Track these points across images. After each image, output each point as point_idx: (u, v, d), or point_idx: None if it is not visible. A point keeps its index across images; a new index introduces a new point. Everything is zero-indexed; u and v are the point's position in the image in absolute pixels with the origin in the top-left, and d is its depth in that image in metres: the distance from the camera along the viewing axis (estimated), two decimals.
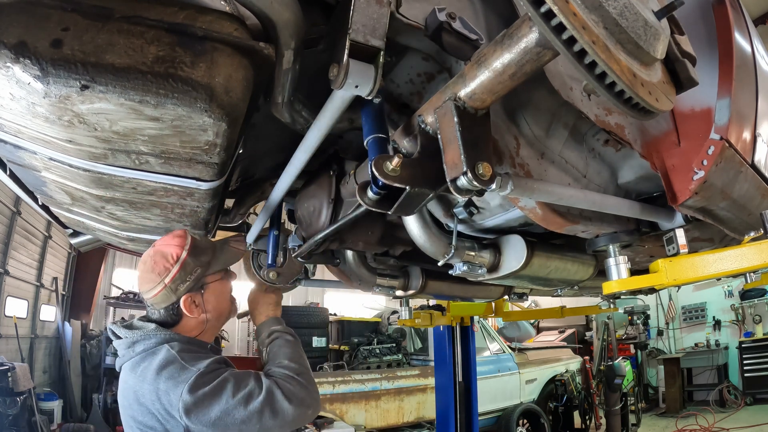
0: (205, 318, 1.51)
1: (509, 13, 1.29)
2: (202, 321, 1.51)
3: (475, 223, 1.75)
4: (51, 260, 8.71)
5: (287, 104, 1.28)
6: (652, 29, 0.87)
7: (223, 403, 1.29)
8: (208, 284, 1.51)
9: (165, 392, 1.29)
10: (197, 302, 1.48)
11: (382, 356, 7.60)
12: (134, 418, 1.35)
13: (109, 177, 1.23)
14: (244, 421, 1.30)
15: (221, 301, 1.56)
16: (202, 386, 1.29)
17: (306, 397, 1.43)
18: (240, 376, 1.38)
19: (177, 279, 1.44)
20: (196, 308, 1.48)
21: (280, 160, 1.73)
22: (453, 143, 0.97)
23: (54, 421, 7.09)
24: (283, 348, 1.59)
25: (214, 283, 1.53)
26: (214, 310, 1.53)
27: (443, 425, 4.73)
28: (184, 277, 1.45)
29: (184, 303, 1.46)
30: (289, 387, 1.41)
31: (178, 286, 1.45)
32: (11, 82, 0.83)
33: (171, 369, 1.32)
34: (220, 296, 1.55)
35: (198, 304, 1.49)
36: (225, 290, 1.58)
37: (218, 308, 1.55)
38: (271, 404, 1.34)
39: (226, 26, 0.94)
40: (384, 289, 2.34)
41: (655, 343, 11.55)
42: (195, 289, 1.48)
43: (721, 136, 1.45)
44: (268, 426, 1.33)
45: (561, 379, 8.03)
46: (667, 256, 1.61)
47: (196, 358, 1.37)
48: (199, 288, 1.49)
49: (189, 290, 1.46)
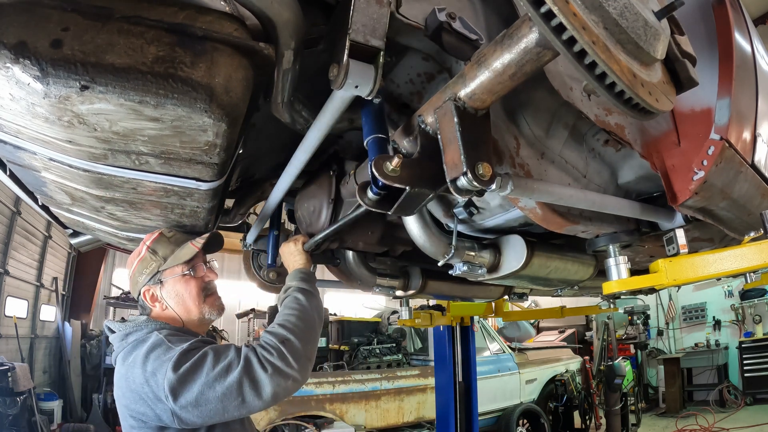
0: (172, 311, 1.53)
1: (509, 13, 1.29)
2: (173, 315, 1.54)
3: (475, 223, 1.75)
4: (51, 260, 8.72)
5: (287, 104, 1.28)
6: (652, 29, 0.87)
7: (204, 377, 1.27)
8: (166, 279, 1.54)
9: (152, 374, 1.29)
10: (156, 295, 1.54)
11: (382, 356, 7.59)
12: (127, 406, 1.35)
13: (109, 177, 1.23)
14: (225, 394, 1.26)
15: (182, 298, 1.54)
16: (185, 363, 1.28)
17: (283, 367, 1.32)
18: (220, 349, 1.34)
19: (137, 272, 1.55)
20: (157, 301, 1.54)
21: (280, 160, 1.73)
22: (453, 143, 0.97)
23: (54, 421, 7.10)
24: (285, 309, 1.54)
25: (172, 279, 1.55)
26: (177, 305, 1.54)
27: (443, 425, 4.72)
28: (141, 270, 1.54)
29: (143, 294, 1.54)
30: (267, 355, 1.33)
31: (137, 278, 1.55)
32: (11, 83, 0.82)
33: (158, 351, 1.33)
34: (182, 292, 1.55)
35: (157, 297, 1.54)
36: (186, 287, 1.55)
37: (183, 303, 1.54)
38: (249, 374, 1.29)
39: (226, 26, 0.94)
40: (384, 289, 2.34)
41: (655, 343, 11.54)
42: (153, 282, 1.54)
43: (721, 136, 1.45)
44: (249, 400, 1.28)
45: (561, 379, 8.03)
46: (667, 256, 1.61)
47: (183, 340, 1.37)
48: (156, 281, 1.54)
49: (146, 283, 1.54)
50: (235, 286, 12.94)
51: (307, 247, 1.84)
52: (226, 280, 13.12)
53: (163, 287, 1.54)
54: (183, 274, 1.56)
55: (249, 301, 12.62)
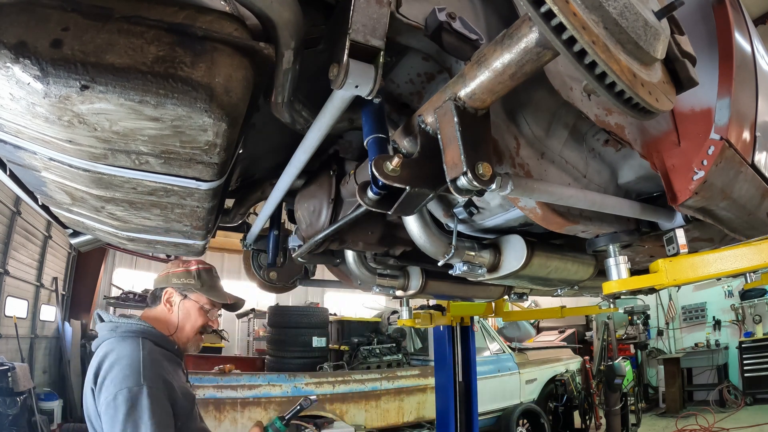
0: (174, 320, 1.80)
1: (509, 13, 1.29)
2: (172, 322, 1.81)
3: (475, 223, 1.75)
4: (51, 260, 8.71)
5: (287, 104, 1.28)
6: (652, 29, 0.87)
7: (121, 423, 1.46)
8: (190, 298, 1.82)
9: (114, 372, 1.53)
10: (173, 301, 1.82)
11: (382, 356, 7.58)
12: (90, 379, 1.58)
13: (109, 177, 1.22)
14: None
15: (188, 319, 1.82)
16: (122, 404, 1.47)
17: None
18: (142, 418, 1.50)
19: (176, 275, 1.84)
20: (169, 304, 1.81)
21: (280, 160, 1.73)
22: (453, 143, 0.97)
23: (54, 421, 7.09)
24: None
25: (194, 302, 1.83)
26: (182, 320, 1.81)
27: (443, 425, 4.72)
28: (180, 277, 1.83)
29: (165, 293, 1.82)
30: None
31: (172, 279, 1.83)
32: (11, 82, 0.82)
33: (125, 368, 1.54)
34: (191, 315, 1.82)
35: (172, 303, 1.82)
36: (197, 317, 1.83)
37: (187, 320, 1.82)
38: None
39: (226, 26, 0.94)
40: (384, 289, 2.34)
41: (655, 343, 11.54)
42: (180, 291, 1.82)
43: (721, 136, 1.45)
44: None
45: (561, 379, 8.03)
46: (667, 256, 1.62)
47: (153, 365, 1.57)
48: (182, 293, 1.82)
49: (176, 288, 1.82)
50: (235, 286, 12.92)
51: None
52: (227, 280, 13.05)
53: (183, 301, 1.82)
54: (202, 307, 1.83)
55: (249, 301, 12.59)
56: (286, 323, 7.51)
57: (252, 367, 7.77)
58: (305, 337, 7.39)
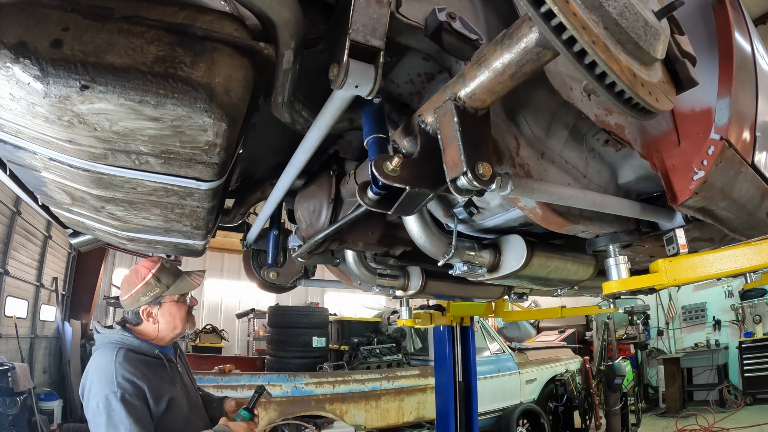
0: (157, 327, 1.90)
1: (509, 13, 1.29)
2: (162, 328, 1.91)
3: (475, 223, 1.75)
4: (51, 260, 8.70)
5: (287, 104, 1.28)
6: (652, 29, 0.87)
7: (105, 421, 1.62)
8: (164, 302, 1.90)
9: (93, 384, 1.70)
10: (153, 313, 1.89)
11: (382, 356, 7.58)
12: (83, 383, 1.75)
13: (109, 177, 1.22)
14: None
15: (174, 318, 1.92)
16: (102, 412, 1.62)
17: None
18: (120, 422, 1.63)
19: (139, 293, 1.88)
20: (151, 318, 1.89)
21: (280, 160, 1.73)
22: (453, 143, 0.97)
23: (54, 421, 7.08)
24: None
25: (170, 303, 1.91)
26: (166, 324, 1.91)
27: (443, 425, 4.72)
28: (145, 292, 1.88)
29: (143, 312, 1.89)
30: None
31: (139, 298, 1.88)
32: (11, 82, 0.82)
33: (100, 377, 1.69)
34: (175, 314, 1.92)
35: (153, 315, 1.89)
36: (179, 311, 1.94)
37: (171, 323, 1.92)
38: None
39: (226, 26, 0.94)
40: (384, 289, 2.34)
41: (655, 343, 11.54)
42: (153, 303, 1.89)
43: (721, 136, 1.45)
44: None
45: (561, 379, 8.02)
46: (667, 256, 1.62)
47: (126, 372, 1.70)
48: (156, 303, 1.89)
49: (148, 303, 1.88)
50: (235, 285, 12.93)
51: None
52: (227, 280, 13.13)
53: (160, 308, 1.90)
54: (177, 300, 1.93)
55: (249, 301, 12.62)
56: (286, 323, 7.51)
57: (252, 367, 7.78)
58: (305, 337, 7.38)
